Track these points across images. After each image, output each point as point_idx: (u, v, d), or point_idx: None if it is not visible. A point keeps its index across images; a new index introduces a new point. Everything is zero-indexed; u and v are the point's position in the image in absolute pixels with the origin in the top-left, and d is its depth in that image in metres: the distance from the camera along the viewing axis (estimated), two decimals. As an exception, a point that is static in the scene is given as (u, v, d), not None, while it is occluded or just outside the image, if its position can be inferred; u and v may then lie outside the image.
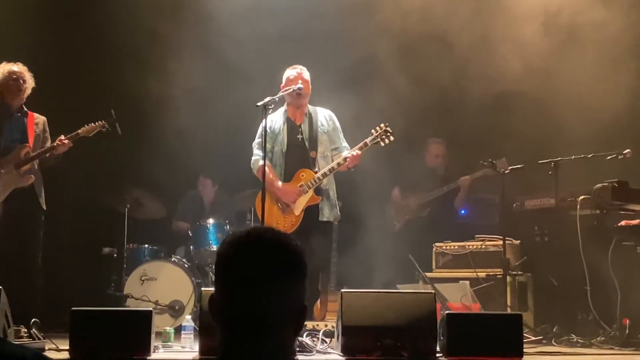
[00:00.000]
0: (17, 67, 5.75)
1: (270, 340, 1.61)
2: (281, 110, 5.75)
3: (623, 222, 5.65)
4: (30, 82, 5.78)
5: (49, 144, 5.80)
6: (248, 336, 1.60)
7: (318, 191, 5.63)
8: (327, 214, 5.67)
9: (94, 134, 5.87)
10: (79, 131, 5.82)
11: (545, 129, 6.50)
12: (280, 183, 5.61)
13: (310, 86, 5.70)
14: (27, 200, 5.70)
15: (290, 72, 5.67)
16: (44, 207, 5.79)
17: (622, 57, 6.26)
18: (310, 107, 5.79)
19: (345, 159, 5.55)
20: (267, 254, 1.63)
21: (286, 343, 1.65)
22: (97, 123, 5.86)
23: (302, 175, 5.62)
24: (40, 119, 5.89)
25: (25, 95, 5.80)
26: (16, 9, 7.00)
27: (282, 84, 5.65)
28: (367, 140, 5.58)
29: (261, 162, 5.52)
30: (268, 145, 5.48)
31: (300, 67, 5.71)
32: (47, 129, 5.91)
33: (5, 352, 1.27)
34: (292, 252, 1.66)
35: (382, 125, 5.60)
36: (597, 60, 6.21)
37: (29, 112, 5.85)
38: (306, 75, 5.68)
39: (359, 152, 5.55)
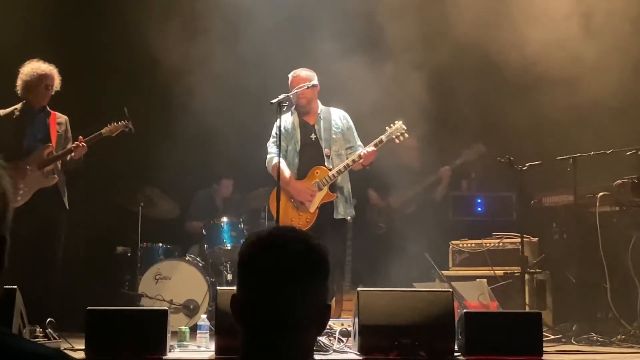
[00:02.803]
0: (49, 71, 5.68)
1: (294, 341, 1.60)
2: (293, 109, 5.71)
3: None
4: (57, 85, 5.75)
5: (71, 143, 5.76)
6: (272, 337, 1.59)
7: (333, 188, 5.60)
8: (342, 211, 5.64)
9: (117, 134, 5.83)
10: (102, 131, 5.77)
11: (564, 124, 6.40)
12: (294, 181, 5.57)
13: (315, 89, 5.62)
14: (52, 201, 5.66)
15: (293, 75, 5.60)
16: (67, 207, 5.77)
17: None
18: (323, 107, 5.76)
19: (359, 156, 5.51)
20: (290, 254, 1.61)
21: (310, 343, 1.65)
22: (120, 123, 5.80)
23: (317, 173, 5.59)
24: (62, 118, 5.85)
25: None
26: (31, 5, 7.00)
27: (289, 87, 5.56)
28: (383, 137, 5.56)
29: (275, 160, 5.49)
30: (283, 144, 5.44)
31: (301, 70, 5.62)
32: (69, 128, 5.87)
33: (29, 350, 1.27)
34: (315, 252, 1.64)
35: (396, 122, 5.58)
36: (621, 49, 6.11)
37: (52, 111, 5.82)
38: (310, 76, 5.59)
39: (374, 149, 5.52)
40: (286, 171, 5.52)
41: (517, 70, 6.33)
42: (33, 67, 5.67)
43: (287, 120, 5.66)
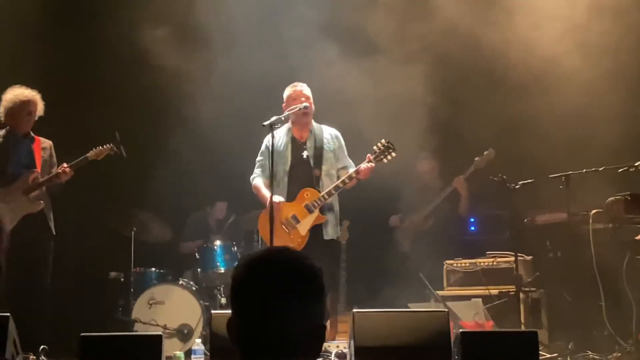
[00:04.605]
0: (32, 97, 5.68)
1: None
2: (285, 128, 5.66)
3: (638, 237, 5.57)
4: (40, 111, 5.74)
5: (55, 168, 5.75)
6: (268, 359, 1.57)
7: (323, 210, 5.54)
8: (330, 232, 5.57)
9: (103, 157, 5.81)
10: (88, 155, 5.76)
11: (557, 142, 6.43)
12: (283, 204, 5.48)
13: (312, 102, 5.62)
14: (38, 226, 5.65)
15: (290, 91, 5.59)
16: (54, 232, 5.74)
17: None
18: (315, 125, 5.70)
19: (357, 171, 5.43)
20: (283, 275, 1.59)
21: None
22: (105, 146, 5.81)
23: (307, 195, 5.50)
24: (47, 143, 5.85)
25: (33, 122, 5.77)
26: (19, 23, 6.99)
27: (284, 104, 5.57)
28: (370, 156, 5.47)
29: (256, 181, 5.56)
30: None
31: (301, 84, 5.63)
32: (54, 153, 5.87)
33: None
34: (308, 272, 1.62)
35: (383, 141, 5.48)
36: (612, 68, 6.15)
37: (36, 136, 5.81)
38: (307, 91, 5.59)
39: (373, 165, 5.43)
40: (267, 193, 5.45)
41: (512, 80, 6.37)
42: (16, 94, 5.68)
43: (280, 137, 5.61)
